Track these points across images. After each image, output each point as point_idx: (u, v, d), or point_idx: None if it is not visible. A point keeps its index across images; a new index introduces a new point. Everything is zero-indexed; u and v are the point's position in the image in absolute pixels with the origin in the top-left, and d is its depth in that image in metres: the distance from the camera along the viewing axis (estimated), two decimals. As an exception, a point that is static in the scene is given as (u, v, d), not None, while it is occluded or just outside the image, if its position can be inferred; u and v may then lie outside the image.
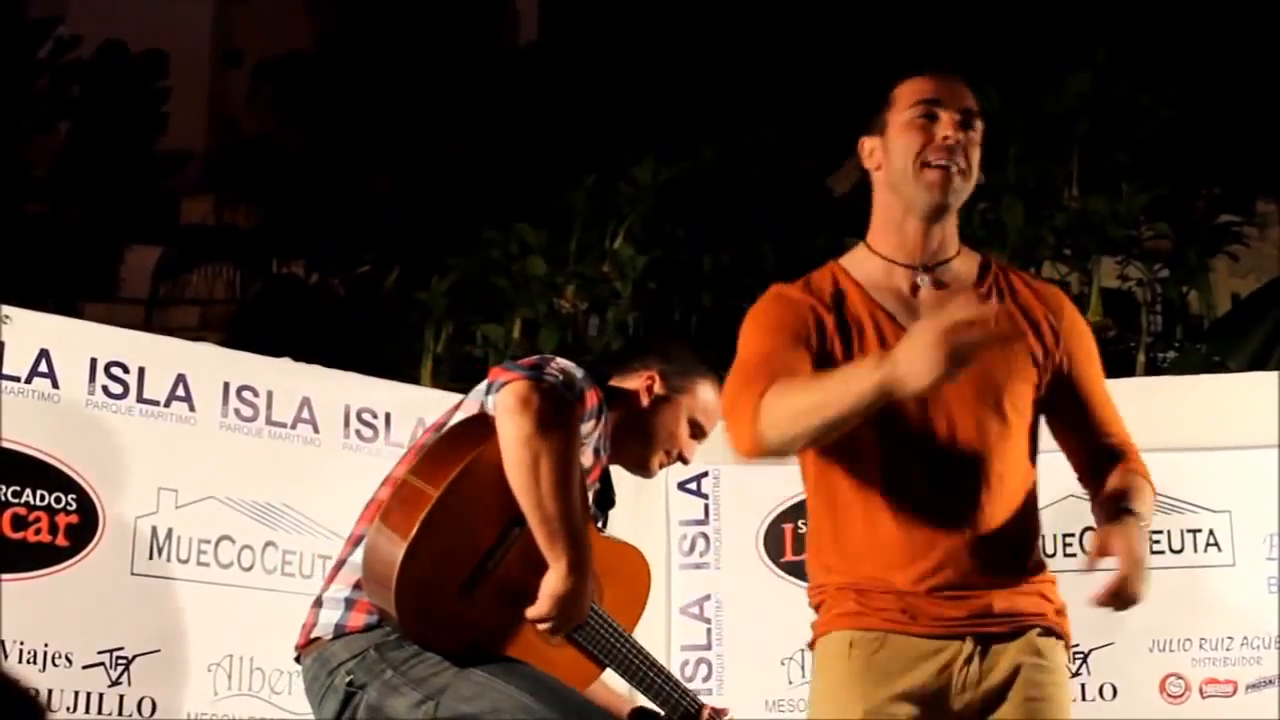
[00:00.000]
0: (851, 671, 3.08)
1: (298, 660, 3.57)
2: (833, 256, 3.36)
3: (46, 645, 4.41)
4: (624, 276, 7.55)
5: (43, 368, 4.63)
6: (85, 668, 4.46)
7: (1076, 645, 5.17)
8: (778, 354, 3.08)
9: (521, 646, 3.43)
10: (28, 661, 4.36)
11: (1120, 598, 2.93)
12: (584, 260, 7.69)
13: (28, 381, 4.59)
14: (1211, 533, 5.22)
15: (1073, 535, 5.10)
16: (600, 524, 3.78)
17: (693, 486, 5.50)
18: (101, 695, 4.49)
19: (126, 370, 4.79)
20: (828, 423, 2.87)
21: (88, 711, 4.46)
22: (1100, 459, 3.20)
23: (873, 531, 3.11)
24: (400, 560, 3.21)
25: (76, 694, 4.44)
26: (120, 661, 4.53)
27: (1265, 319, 7.27)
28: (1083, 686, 5.18)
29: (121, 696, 4.53)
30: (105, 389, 4.74)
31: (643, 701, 3.89)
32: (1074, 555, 5.05)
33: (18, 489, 4.50)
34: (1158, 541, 5.09)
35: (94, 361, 4.73)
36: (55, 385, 4.64)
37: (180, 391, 4.88)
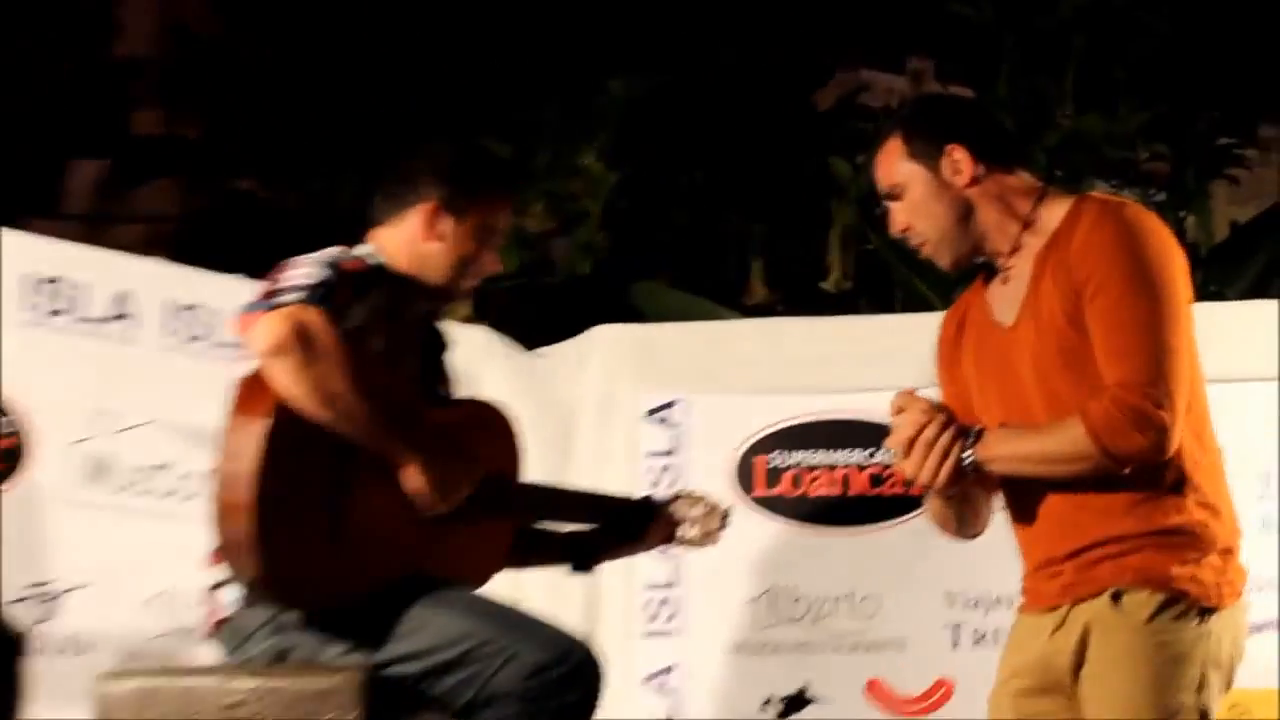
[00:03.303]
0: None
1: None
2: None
3: (-32, 578, 4.32)
4: (594, 195, 7.40)
5: (-25, 283, 4.54)
6: (11, 602, 4.32)
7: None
8: None
9: (437, 557, 3.36)
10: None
11: None
12: (552, 177, 7.54)
13: (-42, 298, 4.50)
14: (1207, 469, 5.05)
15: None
16: (441, 393, 3.63)
17: (661, 416, 5.33)
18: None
19: (65, 285, 4.66)
20: None
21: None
22: None
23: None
24: (259, 557, 3.12)
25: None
26: (48, 596, 4.45)
27: (1264, 246, 7.18)
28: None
29: (50, 633, 4.42)
30: (42, 305, 4.60)
31: None
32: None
33: (-56, 411, 4.43)
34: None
35: (30, 276, 4.59)
36: (-12, 301, 4.55)
37: (122, 309, 4.75)
